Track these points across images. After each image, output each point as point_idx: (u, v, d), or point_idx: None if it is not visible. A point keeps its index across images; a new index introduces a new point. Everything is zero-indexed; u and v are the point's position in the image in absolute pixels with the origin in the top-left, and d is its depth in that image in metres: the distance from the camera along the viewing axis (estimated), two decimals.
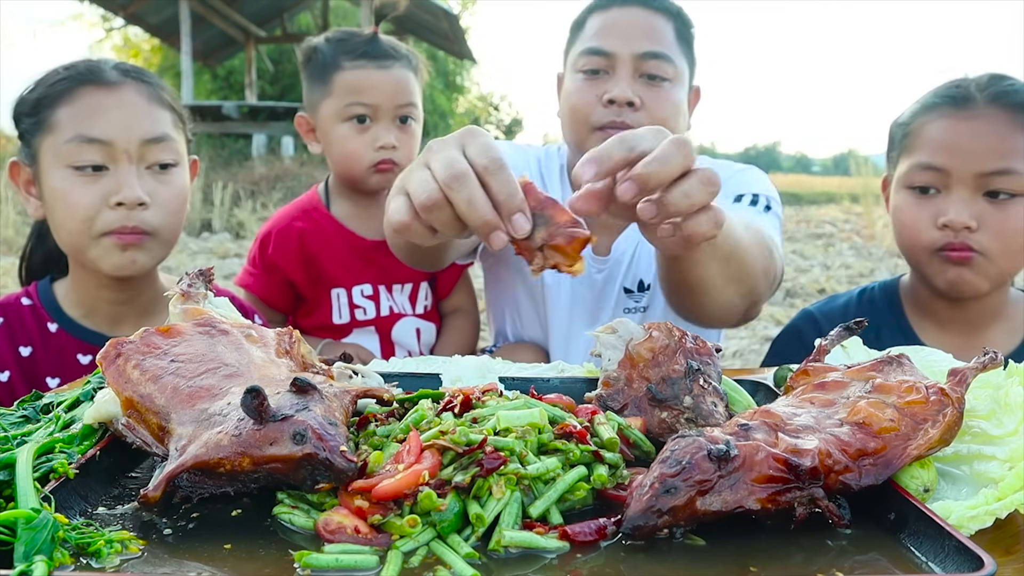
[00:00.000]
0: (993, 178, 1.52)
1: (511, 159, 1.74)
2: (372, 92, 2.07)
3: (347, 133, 2.10)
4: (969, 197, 1.53)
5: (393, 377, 1.04)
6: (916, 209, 1.59)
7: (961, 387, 0.80)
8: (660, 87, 1.76)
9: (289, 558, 0.64)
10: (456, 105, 27.51)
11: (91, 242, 1.54)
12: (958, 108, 1.57)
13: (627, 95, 1.73)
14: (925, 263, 1.61)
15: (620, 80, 1.75)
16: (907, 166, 1.61)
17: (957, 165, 1.54)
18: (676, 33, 1.80)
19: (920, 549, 0.67)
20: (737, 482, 0.69)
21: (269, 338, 0.92)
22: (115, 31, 21.59)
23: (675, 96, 1.78)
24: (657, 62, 1.75)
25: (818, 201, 19.18)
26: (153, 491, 0.71)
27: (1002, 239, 1.53)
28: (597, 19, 1.83)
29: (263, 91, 19.85)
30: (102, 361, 0.82)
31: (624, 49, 1.76)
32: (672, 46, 1.78)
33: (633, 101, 1.73)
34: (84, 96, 1.54)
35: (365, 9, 15.80)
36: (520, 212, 0.88)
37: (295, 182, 13.59)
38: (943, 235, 1.55)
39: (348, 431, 0.78)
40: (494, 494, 0.69)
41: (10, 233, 8.65)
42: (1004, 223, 1.53)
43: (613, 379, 0.97)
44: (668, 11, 1.80)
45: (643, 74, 1.75)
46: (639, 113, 1.74)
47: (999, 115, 1.54)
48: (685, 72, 1.82)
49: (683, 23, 1.82)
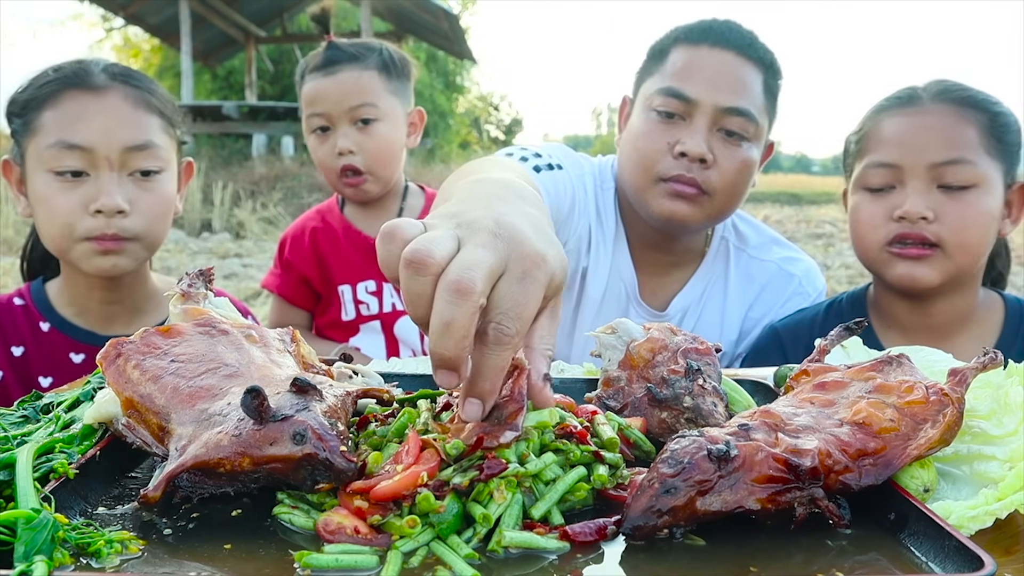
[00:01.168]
0: (946, 168, 1.52)
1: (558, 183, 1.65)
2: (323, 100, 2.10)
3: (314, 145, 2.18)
4: (924, 189, 1.53)
5: (393, 377, 1.04)
6: (871, 206, 1.59)
7: (961, 387, 0.80)
8: (738, 146, 1.64)
9: (289, 558, 0.64)
10: (456, 105, 27.49)
11: (72, 246, 1.55)
12: (906, 107, 1.59)
13: (701, 150, 1.60)
14: (875, 259, 1.60)
15: (696, 132, 1.62)
16: (861, 168, 1.62)
17: (909, 159, 1.54)
18: (764, 87, 1.67)
19: (920, 549, 0.67)
20: (737, 482, 0.69)
21: (269, 338, 0.92)
22: (115, 31, 21.58)
23: (751, 156, 1.67)
24: (741, 120, 1.62)
25: (818, 201, 19.19)
26: (153, 491, 0.71)
27: (958, 230, 1.52)
28: (682, 54, 1.68)
29: (263, 91, 19.84)
30: (102, 361, 0.82)
31: (708, 98, 1.62)
32: (758, 102, 1.66)
33: (706, 158, 1.61)
34: (68, 100, 1.54)
35: (365, 9, 15.80)
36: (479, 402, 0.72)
37: (295, 182, 13.58)
38: (899, 226, 1.55)
39: (348, 431, 0.78)
40: (495, 499, 0.69)
41: (10, 233, 8.65)
42: (960, 213, 1.52)
43: (613, 379, 0.97)
44: (762, 61, 1.67)
45: (722, 128, 1.63)
46: (709, 171, 1.63)
47: (946, 109, 1.56)
48: (766, 129, 1.70)
49: (773, 75, 1.70)
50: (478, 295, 0.67)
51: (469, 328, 0.67)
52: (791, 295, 1.86)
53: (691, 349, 0.96)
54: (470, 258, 0.69)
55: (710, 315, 1.85)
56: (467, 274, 0.67)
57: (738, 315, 1.85)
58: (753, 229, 1.94)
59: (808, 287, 1.87)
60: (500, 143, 32.44)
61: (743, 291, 1.86)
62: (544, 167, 1.65)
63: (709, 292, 1.85)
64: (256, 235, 11.56)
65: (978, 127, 1.54)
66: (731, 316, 1.85)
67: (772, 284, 1.86)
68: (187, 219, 11.71)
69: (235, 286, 7.68)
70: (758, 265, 1.87)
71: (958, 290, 1.62)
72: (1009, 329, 1.64)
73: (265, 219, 12.23)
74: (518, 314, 0.70)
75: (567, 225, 1.72)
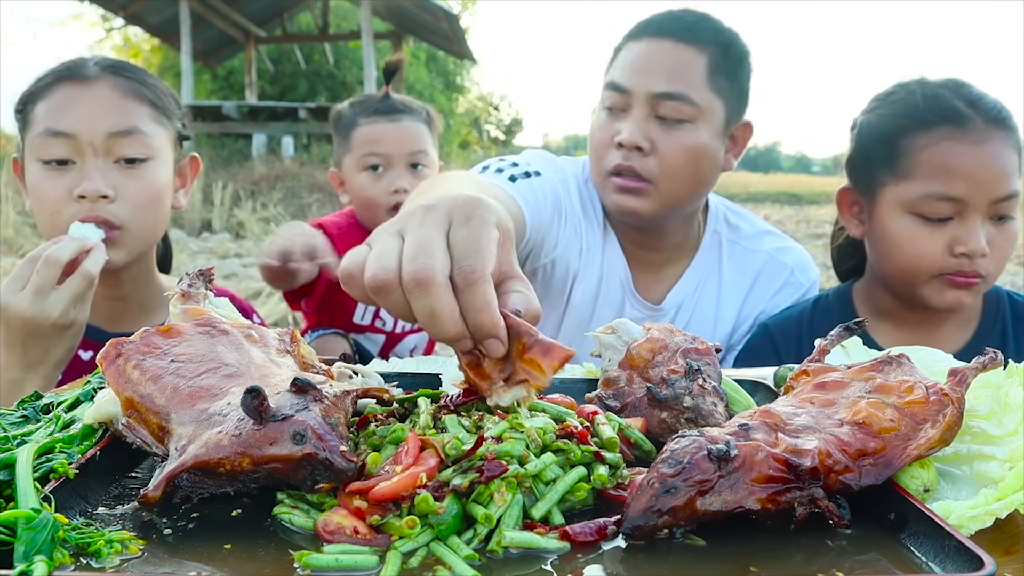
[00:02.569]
0: (1003, 204, 1.54)
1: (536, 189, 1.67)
2: (383, 142, 2.35)
3: (365, 182, 2.37)
4: (981, 223, 1.55)
5: (393, 377, 1.04)
6: (928, 235, 1.57)
7: (961, 387, 0.80)
8: (677, 129, 1.66)
9: (289, 558, 0.64)
10: (456, 105, 27.49)
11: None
12: (960, 130, 1.55)
13: (635, 139, 1.65)
14: (924, 284, 1.59)
15: (632, 121, 1.66)
16: (916, 193, 1.57)
17: (974, 195, 1.53)
18: (710, 67, 1.67)
19: (920, 549, 0.67)
20: (737, 482, 0.69)
21: (269, 338, 0.92)
22: (115, 31, 21.58)
23: (692, 139, 1.67)
24: (674, 104, 1.64)
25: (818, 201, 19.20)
26: (153, 491, 0.71)
27: (1001, 260, 1.57)
28: (629, 49, 1.73)
29: (263, 91, 19.85)
30: (102, 361, 0.82)
31: (640, 86, 1.66)
32: (699, 84, 1.66)
33: (642, 145, 1.65)
34: (59, 91, 1.56)
35: (365, 9, 15.80)
36: (494, 338, 0.74)
37: (295, 182, 13.59)
38: (957, 262, 1.55)
39: (348, 431, 0.78)
40: (495, 500, 0.69)
41: (10, 233, 8.65)
42: (1004, 244, 1.57)
43: (613, 379, 0.97)
44: (704, 42, 1.68)
45: (659, 115, 1.66)
46: (647, 158, 1.66)
47: (1000, 136, 1.56)
48: (716, 110, 1.69)
49: (725, 54, 1.70)
50: (437, 273, 0.72)
51: (449, 306, 0.72)
52: (783, 285, 1.87)
53: (691, 349, 0.96)
54: (412, 247, 0.74)
55: (705, 308, 1.86)
56: (417, 265, 0.72)
57: (734, 307, 1.86)
58: (745, 221, 1.96)
59: (801, 276, 1.88)
60: (500, 143, 32.47)
61: (737, 283, 1.87)
62: (520, 176, 1.68)
63: (703, 285, 1.87)
64: (256, 235, 11.56)
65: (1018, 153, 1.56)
66: (726, 308, 1.86)
67: (765, 274, 1.87)
68: (187, 219, 11.71)
69: (235, 286, 7.68)
70: (751, 256, 1.89)
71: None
72: (987, 317, 1.69)
73: (265, 219, 12.23)
74: (476, 250, 0.73)
75: (552, 226, 1.74)
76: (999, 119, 1.57)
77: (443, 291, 0.72)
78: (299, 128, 15.54)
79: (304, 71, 21.06)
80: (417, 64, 22.86)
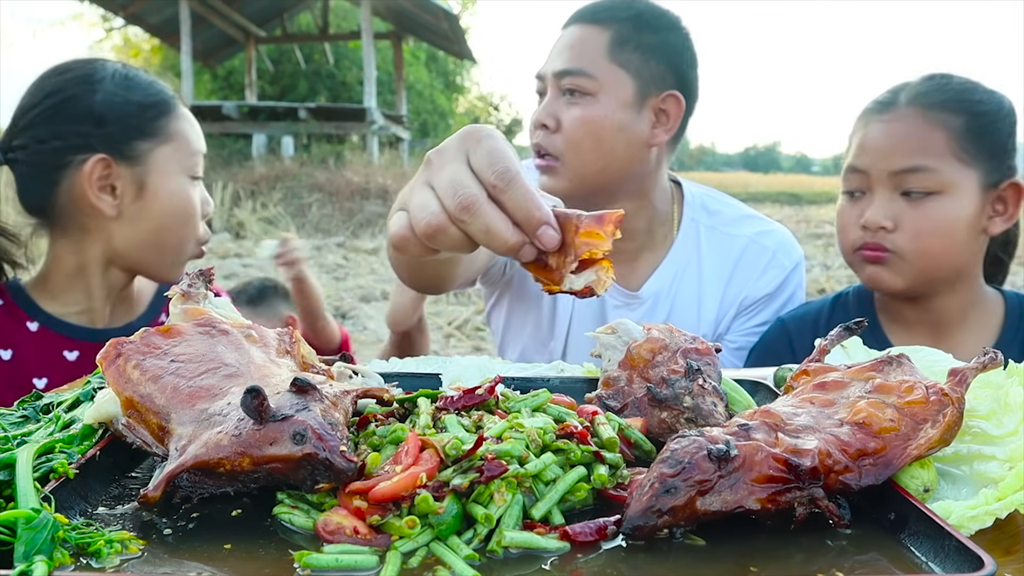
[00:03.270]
0: (905, 176, 1.54)
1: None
2: None
3: None
4: (888, 197, 1.56)
5: (393, 377, 1.04)
6: (847, 211, 1.64)
7: (961, 387, 0.80)
8: (575, 104, 1.71)
9: (289, 558, 0.64)
10: (456, 105, 27.50)
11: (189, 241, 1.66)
12: (882, 112, 1.61)
13: (541, 116, 1.74)
14: (851, 261, 1.66)
15: (544, 103, 1.75)
16: (843, 171, 1.66)
17: (873, 165, 1.57)
18: (613, 42, 1.71)
19: (920, 549, 0.67)
20: (737, 482, 0.69)
21: (269, 338, 0.92)
22: (115, 31, 21.59)
23: (592, 112, 1.71)
24: (572, 79, 1.72)
25: (818, 201, 19.21)
26: (153, 491, 0.71)
27: (916, 239, 1.54)
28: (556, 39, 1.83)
29: (263, 91, 19.86)
30: (102, 361, 0.82)
31: (549, 68, 1.76)
32: (597, 58, 1.71)
33: (547, 123, 1.73)
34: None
35: (365, 9, 15.80)
36: (546, 224, 0.79)
37: (295, 182, 13.59)
38: (863, 235, 1.59)
39: (348, 431, 0.78)
40: (495, 500, 0.69)
41: None
42: (918, 222, 1.54)
43: (613, 379, 0.97)
44: (607, 20, 1.73)
45: (564, 91, 1.73)
46: (555, 136, 1.73)
47: (917, 113, 1.56)
48: (622, 83, 1.72)
49: (635, 27, 1.73)
50: (478, 194, 0.79)
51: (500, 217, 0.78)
52: (766, 267, 1.88)
53: (691, 349, 0.96)
54: (444, 186, 0.80)
55: (687, 296, 1.87)
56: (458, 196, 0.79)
57: (716, 293, 1.87)
58: (725, 206, 1.96)
59: (783, 259, 1.89)
60: None
61: (718, 269, 1.88)
62: None
63: (683, 273, 1.87)
64: (256, 235, 11.57)
65: (949, 132, 1.53)
66: (708, 296, 1.87)
67: (746, 258, 1.88)
68: None
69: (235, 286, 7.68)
70: (731, 241, 1.89)
71: (954, 288, 1.62)
72: (1010, 323, 1.65)
73: (265, 219, 12.24)
74: (499, 158, 0.80)
75: None
76: (925, 100, 1.56)
77: (489, 207, 0.78)
78: (299, 128, 15.56)
79: (304, 71, 21.07)
80: (417, 64, 22.86)
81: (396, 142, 18.32)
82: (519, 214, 0.79)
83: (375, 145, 16.24)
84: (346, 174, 13.90)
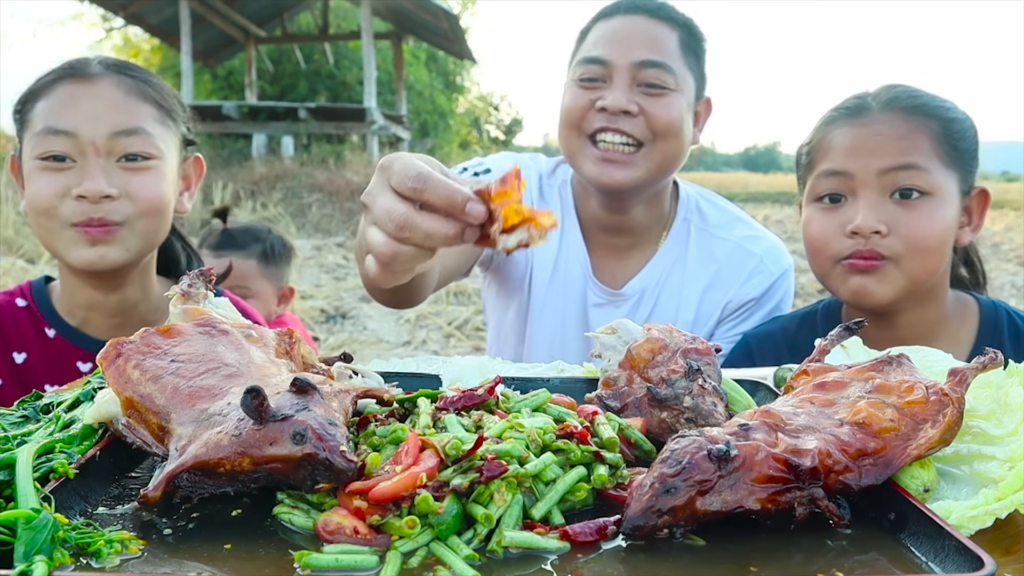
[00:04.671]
0: (897, 174, 1.45)
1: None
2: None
3: None
4: (876, 200, 1.47)
5: (393, 377, 1.04)
6: (824, 219, 1.52)
7: (961, 387, 0.80)
8: (661, 96, 1.71)
9: (289, 558, 0.64)
10: (456, 105, 27.50)
11: (56, 234, 1.49)
12: (855, 117, 1.53)
13: (621, 103, 1.69)
14: (828, 274, 1.53)
15: (616, 89, 1.71)
16: (812, 180, 1.56)
17: (859, 166, 1.48)
18: (681, 44, 1.75)
19: (920, 549, 0.67)
20: (737, 482, 0.69)
21: (269, 338, 0.92)
22: (115, 31, 21.59)
23: (676, 105, 1.73)
24: (657, 71, 1.70)
25: None
26: (153, 491, 0.71)
27: (912, 242, 1.45)
28: (600, 28, 1.79)
29: (263, 91, 19.86)
30: (102, 361, 0.82)
31: (622, 58, 1.71)
32: (675, 56, 1.73)
33: (629, 109, 1.69)
34: (60, 89, 1.51)
35: (365, 9, 15.80)
36: (468, 202, 0.85)
37: (295, 182, 13.58)
38: (853, 243, 1.47)
39: (348, 431, 0.78)
40: (495, 500, 0.69)
41: (10, 233, 8.64)
42: (914, 224, 1.45)
43: (613, 379, 0.97)
44: (674, 20, 1.76)
45: (642, 83, 1.71)
46: (637, 119, 1.71)
47: (896, 118, 1.50)
48: (689, 84, 1.77)
49: (691, 34, 1.78)
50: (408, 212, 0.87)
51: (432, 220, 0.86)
52: (752, 273, 1.87)
53: (691, 349, 0.96)
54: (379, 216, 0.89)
55: (669, 295, 1.87)
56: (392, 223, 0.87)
57: (695, 295, 1.87)
58: (716, 209, 1.97)
59: (771, 265, 1.88)
60: (500, 143, 32.46)
61: (701, 271, 1.88)
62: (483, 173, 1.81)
63: (669, 273, 1.88)
64: None
65: (930, 135, 1.48)
66: (688, 296, 1.87)
67: (731, 262, 1.88)
68: (187, 219, 11.68)
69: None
70: (719, 244, 1.90)
71: (922, 303, 1.54)
72: (982, 338, 1.57)
73: (265, 219, 12.23)
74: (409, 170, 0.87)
75: None
76: (899, 105, 1.51)
77: (419, 216, 0.86)
78: (299, 128, 15.55)
79: (304, 71, 21.06)
80: (417, 64, 22.86)
81: (396, 142, 18.32)
82: (444, 204, 0.86)
83: (375, 145, 16.24)
84: (346, 174, 13.90)
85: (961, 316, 1.60)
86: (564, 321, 1.90)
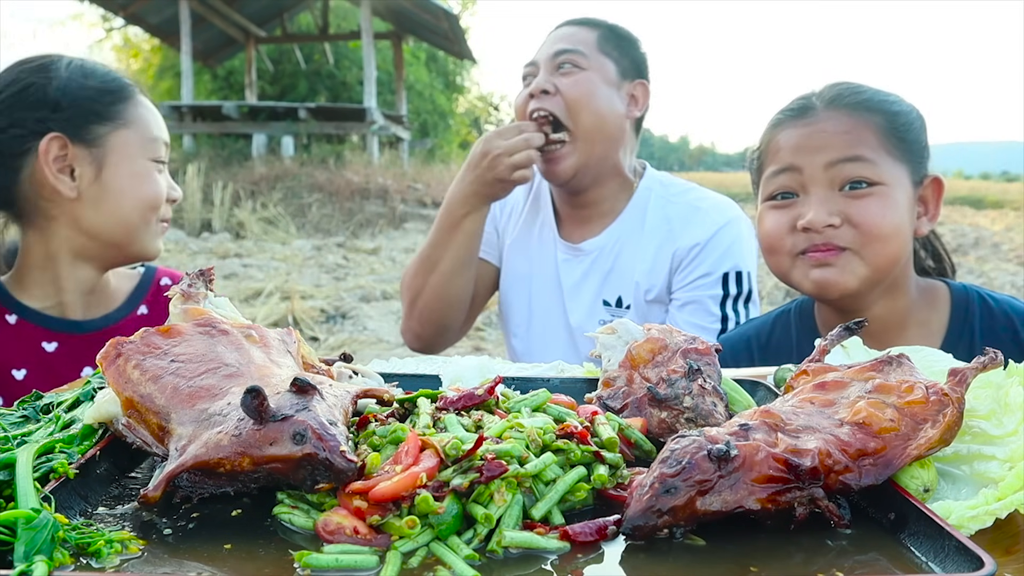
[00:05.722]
0: (844, 166, 1.47)
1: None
2: None
3: None
4: (826, 195, 1.48)
5: (393, 377, 1.04)
6: (776, 216, 1.54)
7: (961, 387, 0.80)
8: (570, 73, 2.06)
9: (289, 558, 0.64)
10: (456, 105, 27.49)
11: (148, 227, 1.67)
12: (800, 117, 1.55)
13: (539, 85, 2.06)
14: (789, 270, 1.55)
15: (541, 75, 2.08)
16: (763, 181, 1.58)
17: (806, 161, 1.50)
18: (600, 37, 2.12)
19: (920, 549, 0.67)
20: (737, 482, 0.69)
21: (269, 338, 0.92)
22: (115, 31, 21.59)
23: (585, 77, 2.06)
24: (567, 55, 2.07)
25: None
26: (153, 491, 0.71)
27: (867, 230, 1.47)
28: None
29: (263, 91, 19.86)
30: (102, 361, 0.82)
31: (542, 53, 2.11)
32: (588, 45, 2.09)
33: (546, 89, 2.05)
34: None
35: (365, 9, 15.80)
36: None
37: (295, 182, 13.58)
38: (807, 237, 1.49)
39: (348, 431, 0.78)
40: (495, 500, 0.69)
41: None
42: (865, 212, 1.47)
43: (613, 379, 0.97)
44: (591, 23, 2.15)
45: (558, 67, 2.07)
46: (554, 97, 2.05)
47: (839, 114, 1.52)
48: (606, 66, 2.10)
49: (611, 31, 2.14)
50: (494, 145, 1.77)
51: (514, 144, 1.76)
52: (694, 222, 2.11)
53: (691, 349, 0.96)
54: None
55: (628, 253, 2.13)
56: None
57: (651, 251, 2.12)
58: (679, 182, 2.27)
59: (715, 215, 2.10)
60: None
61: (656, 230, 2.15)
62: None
63: (627, 234, 2.15)
64: (256, 235, 11.56)
65: (875, 128, 1.50)
66: (644, 252, 2.13)
67: (681, 218, 2.14)
68: (187, 219, 11.71)
69: (235, 286, 7.69)
70: (672, 207, 2.17)
71: (888, 294, 1.56)
72: (954, 326, 1.57)
73: (265, 219, 12.23)
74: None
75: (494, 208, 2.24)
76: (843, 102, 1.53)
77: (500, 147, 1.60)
78: (299, 128, 15.55)
79: (304, 71, 21.06)
80: (417, 64, 22.85)
81: (396, 142, 18.33)
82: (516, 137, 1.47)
83: (375, 145, 16.25)
84: (346, 174, 13.91)
85: (931, 303, 1.61)
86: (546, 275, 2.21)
